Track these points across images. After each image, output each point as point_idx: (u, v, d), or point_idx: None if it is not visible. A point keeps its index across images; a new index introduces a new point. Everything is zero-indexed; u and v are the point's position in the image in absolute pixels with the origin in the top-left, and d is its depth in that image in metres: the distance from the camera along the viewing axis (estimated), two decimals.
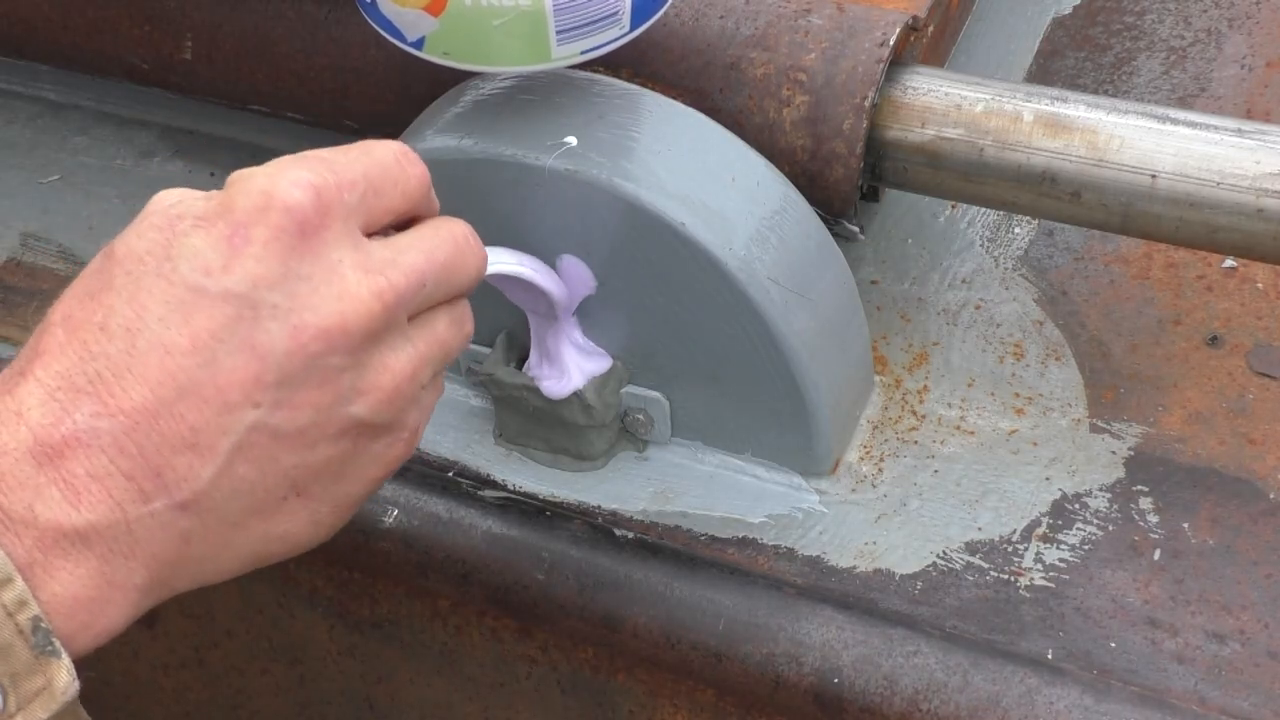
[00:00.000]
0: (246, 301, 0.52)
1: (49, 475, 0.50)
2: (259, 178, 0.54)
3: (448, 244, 0.58)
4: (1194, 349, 0.78)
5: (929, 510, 0.73)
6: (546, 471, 0.77)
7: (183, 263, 0.52)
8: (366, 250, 0.55)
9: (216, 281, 0.52)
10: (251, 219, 0.52)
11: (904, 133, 0.72)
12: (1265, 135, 0.68)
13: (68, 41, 0.89)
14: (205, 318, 0.51)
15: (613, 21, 0.66)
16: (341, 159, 0.55)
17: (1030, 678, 0.65)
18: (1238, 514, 0.71)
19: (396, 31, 0.67)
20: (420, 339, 0.57)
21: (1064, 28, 0.95)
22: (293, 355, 0.52)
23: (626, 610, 0.71)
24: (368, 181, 0.55)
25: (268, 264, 0.52)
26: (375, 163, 0.56)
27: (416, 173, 0.58)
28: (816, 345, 0.71)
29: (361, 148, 0.57)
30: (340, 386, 0.54)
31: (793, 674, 0.68)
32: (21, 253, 0.91)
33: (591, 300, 0.72)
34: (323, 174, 0.54)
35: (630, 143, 0.69)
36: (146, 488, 0.51)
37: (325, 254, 0.53)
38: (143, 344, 0.51)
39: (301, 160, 0.55)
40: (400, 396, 0.56)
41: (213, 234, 0.52)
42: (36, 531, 0.49)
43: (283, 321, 0.52)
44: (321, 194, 0.53)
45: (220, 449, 0.52)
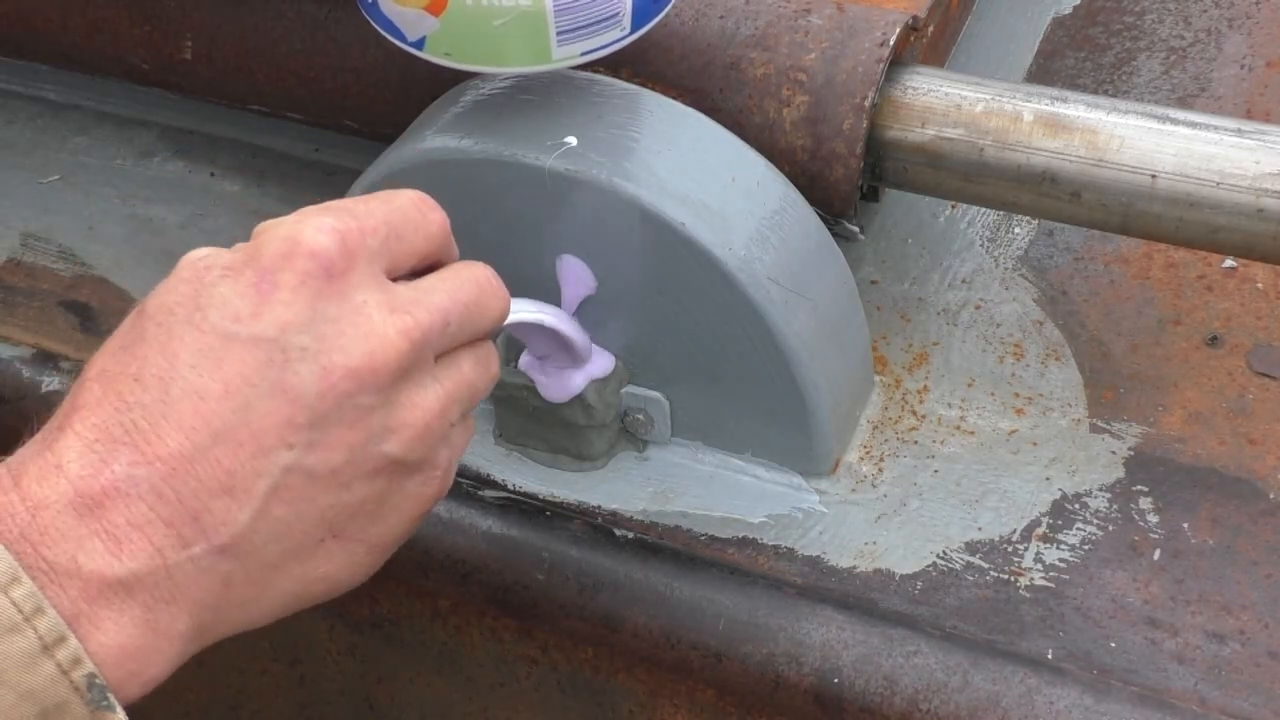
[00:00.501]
0: (276, 345, 0.53)
1: (90, 526, 0.51)
2: (284, 226, 0.55)
3: (471, 285, 0.59)
4: (1194, 349, 0.78)
5: (929, 510, 0.73)
6: (546, 471, 0.77)
7: (212, 311, 0.53)
8: (391, 291, 0.56)
9: (246, 327, 0.53)
10: (278, 265, 0.54)
11: (904, 133, 0.72)
12: (1265, 135, 0.68)
13: (68, 41, 0.89)
14: (237, 363, 0.53)
15: (614, 23, 0.66)
16: (363, 207, 0.57)
17: (1030, 678, 0.65)
18: (1238, 514, 0.71)
19: (398, 31, 0.67)
20: (447, 378, 0.58)
21: (1064, 28, 0.95)
22: (324, 396, 0.53)
23: (626, 610, 0.71)
24: (390, 227, 0.57)
25: (295, 308, 0.53)
26: (396, 209, 0.58)
27: (436, 218, 0.59)
28: (816, 345, 0.71)
29: (382, 196, 0.58)
30: (371, 425, 0.55)
31: (793, 674, 0.68)
32: (21, 253, 0.91)
33: (591, 300, 0.72)
34: (346, 220, 0.55)
35: (630, 143, 0.69)
36: (185, 533, 0.52)
37: (351, 296, 0.55)
38: (176, 392, 0.52)
39: (325, 209, 0.56)
40: (431, 433, 0.57)
41: (240, 282, 0.54)
42: (81, 582, 0.50)
43: (312, 363, 0.53)
44: (346, 238, 0.55)
45: (256, 492, 0.53)
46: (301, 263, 0.54)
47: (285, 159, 0.94)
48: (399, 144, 0.73)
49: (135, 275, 0.89)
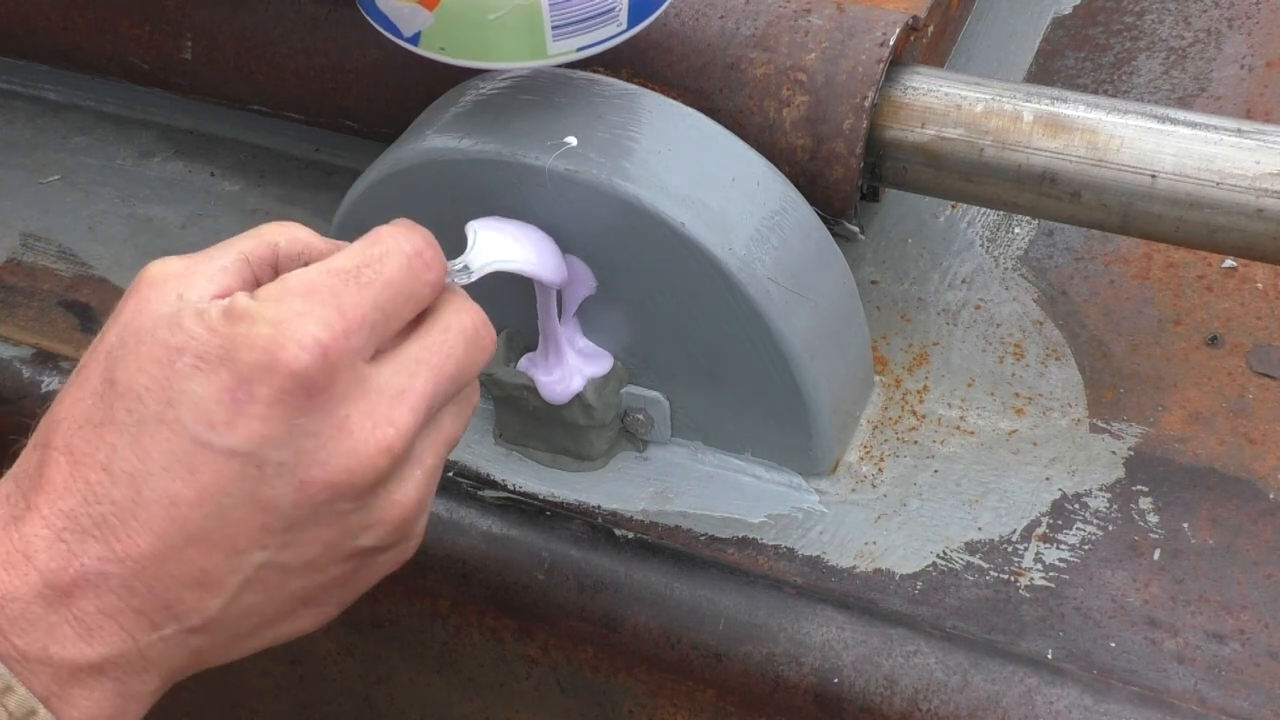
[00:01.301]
0: (252, 460, 0.52)
1: (61, 615, 0.51)
2: (263, 327, 0.52)
3: (458, 348, 0.57)
4: (1194, 349, 0.78)
5: (929, 510, 0.73)
6: (546, 471, 0.77)
7: (185, 411, 0.51)
8: (374, 392, 0.54)
9: (220, 438, 0.51)
10: (255, 376, 0.51)
11: (904, 133, 0.72)
12: (1265, 135, 0.68)
13: (68, 41, 0.89)
14: (210, 473, 0.51)
15: (609, 18, 0.66)
16: (352, 294, 0.54)
17: (1030, 678, 0.65)
18: (1238, 514, 0.71)
19: (393, 27, 0.67)
20: (428, 453, 0.56)
21: (1064, 28, 0.95)
22: (299, 506, 0.53)
23: (626, 610, 0.71)
24: (379, 311, 0.54)
25: (272, 424, 0.52)
26: (387, 284, 0.55)
27: (430, 279, 0.57)
28: (816, 345, 0.71)
29: (373, 261, 0.55)
30: (348, 524, 0.54)
31: (793, 674, 0.68)
32: (21, 253, 0.91)
33: (591, 300, 0.72)
34: (331, 325, 0.52)
35: (630, 143, 0.69)
36: (156, 619, 0.52)
37: (332, 410, 0.53)
38: (148, 493, 0.51)
39: (309, 301, 0.53)
40: (409, 521, 0.56)
41: (214, 383, 0.51)
42: (52, 669, 0.51)
43: (289, 478, 0.52)
44: (329, 353, 0.52)
45: (229, 585, 0.53)
46: (280, 380, 0.51)
47: (285, 159, 0.94)
48: (399, 144, 0.73)
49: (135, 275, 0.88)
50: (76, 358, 0.83)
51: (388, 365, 0.55)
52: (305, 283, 0.53)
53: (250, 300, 0.53)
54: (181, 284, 0.54)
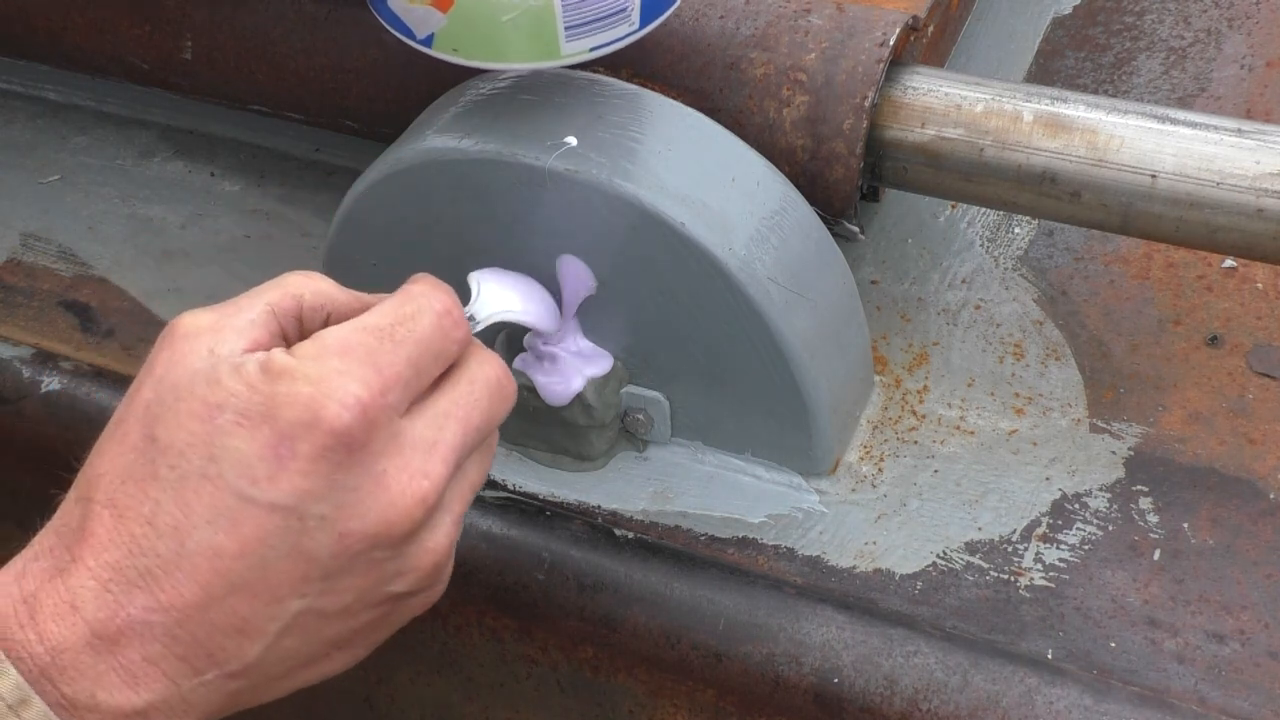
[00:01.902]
0: (294, 514, 0.53)
1: (108, 663, 0.52)
2: (304, 385, 0.54)
3: (484, 400, 0.59)
4: (1194, 349, 0.78)
5: (929, 510, 0.73)
6: (546, 471, 0.77)
7: (228, 468, 0.53)
8: (409, 446, 0.56)
9: (263, 492, 0.53)
10: (296, 433, 0.53)
11: (904, 133, 0.72)
12: (1265, 135, 0.68)
13: (68, 41, 0.89)
14: (253, 526, 0.53)
15: (622, 18, 0.66)
16: (388, 352, 0.56)
17: (1030, 678, 0.65)
18: (1238, 514, 0.71)
19: (406, 29, 0.67)
20: (456, 500, 0.59)
21: (1064, 28, 0.95)
22: (338, 556, 0.55)
23: (626, 610, 0.71)
24: (412, 369, 0.56)
25: (313, 479, 0.53)
26: (419, 342, 0.57)
27: (459, 336, 0.59)
28: (816, 345, 0.71)
29: (406, 320, 0.57)
30: (384, 572, 0.56)
31: (793, 674, 0.68)
32: (21, 253, 0.91)
33: (591, 300, 0.72)
34: (369, 383, 0.54)
35: (630, 143, 0.69)
36: (199, 665, 0.54)
37: (370, 465, 0.54)
38: (192, 546, 0.53)
39: (347, 360, 0.54)
40: (439, 568, 0.59)
41: (256, 440, 0.53)
42: (99, 715, 0.52)
43: (329, 531, 0.54)
44: (368, 411, 0.54)
45: (269, 632, 0.55)
46: (322, 438, 0.53)
47: (285, 159, 0.94)
48: (399, 144, 0.73)
49: (135, 275, 0.89)
50: (77, 358, 0.83)
51: (420, 419, 0.57)
52: (342, 341, 0.55)
53: (288, 358, 0.55)
54: (213, 339, 0.56)
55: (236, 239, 0.90)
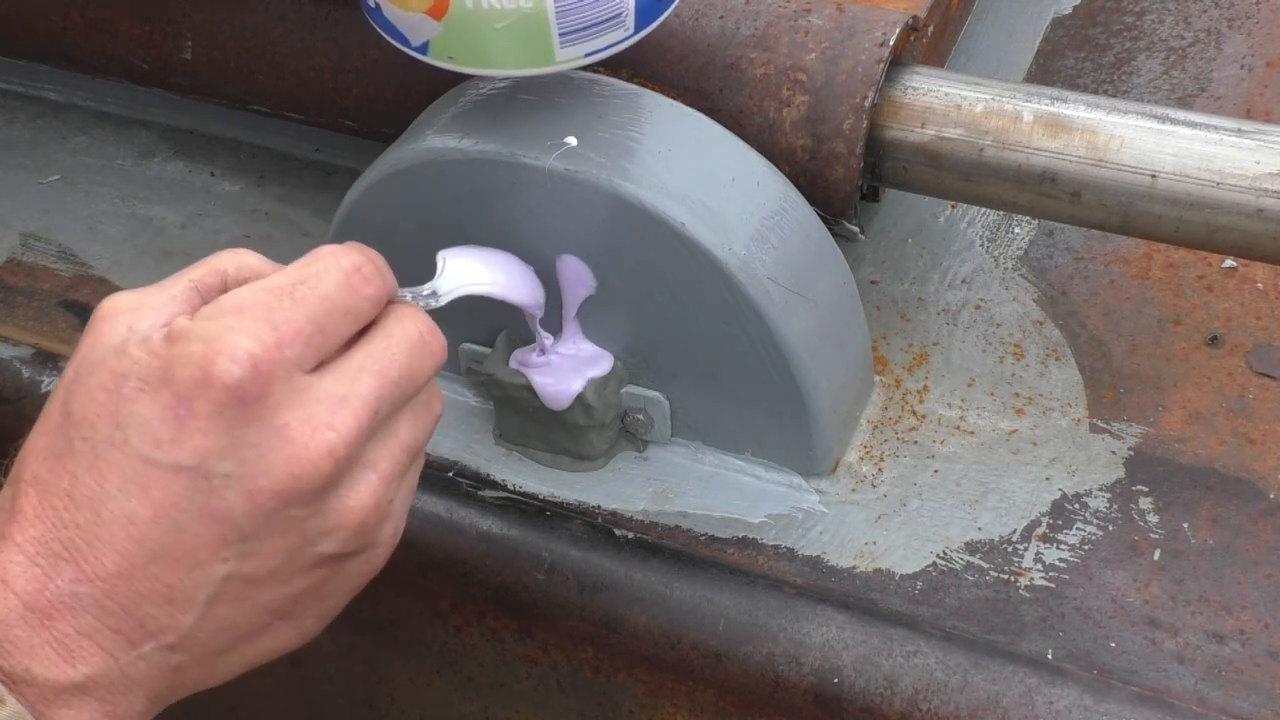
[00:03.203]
0: (199, 473, 0.53)
1: (42, 637, 0.53)
2: (196, 344, 0.54)
3: (402, 353, 0.58)
4: (1194, 349, 0.78)
5: (929, 510, 0.73)
6: (546, 471, 0.77)
7: (133, 433, 0.53)
8: (314, 400, 0.55)
9: (167, 454, 0.53)
10: (193, 392, 0.53)
11: (904, 133, 0.72)
12: (1265, 135, 0.68)
13: (68, 41, 0.89)
14: (161, 490, 0.53)
15: (617, 24, 0.66)
16: (286, 309, 0.55)
17: (1030, 678, 0.65)
18: (1238, 514, 0.71)
19: (401, 36, 0.67)
20: (382, 458, 0.57)
21: (1064, 28, 0.95)
22: (252, 515, 0.54)
23: (626, 610, 0.71)
24: (314, 325, 0.56)
25: (214, 436, 0.53)
26: (322, 298, 0.56)
27: (369, 293, 0.58)
28: (816, 345, 0.71)
29: (309, 278, 0.56)
30: (305, 531, 0.56)
31: (793, 674, 0.68)
32: (21, 253, 0.91)
33: (591, 300, 0.72)
34: (262, 338, 0.54)
35: (630, 143, 0.69)
36: (133, 637, 0.54)
37: (270, 419, 0.54)
38: (107, 515, 0.53)
39: (241, 317, 0.54)
40: (367, 526, 0.57)
41: (157, 403, 0.53)
42: (37, 689, 0.53)
43: (237, 488, 0.54)
44: (259, 364, 0.54)
45: (197, 599, 0.54)
46: (216, 394, 0.53)
47: (285, 159, 0.94)
48: (399, 144, 0.73)
49: (135, 275, 0.89)
50: None
51: (329, 375, 0.56)
52: (238, 301, 0.55)
53: (187, 321, 0.55)
54: (132, 316, 0.56)
55: (236, 239, 0.90)
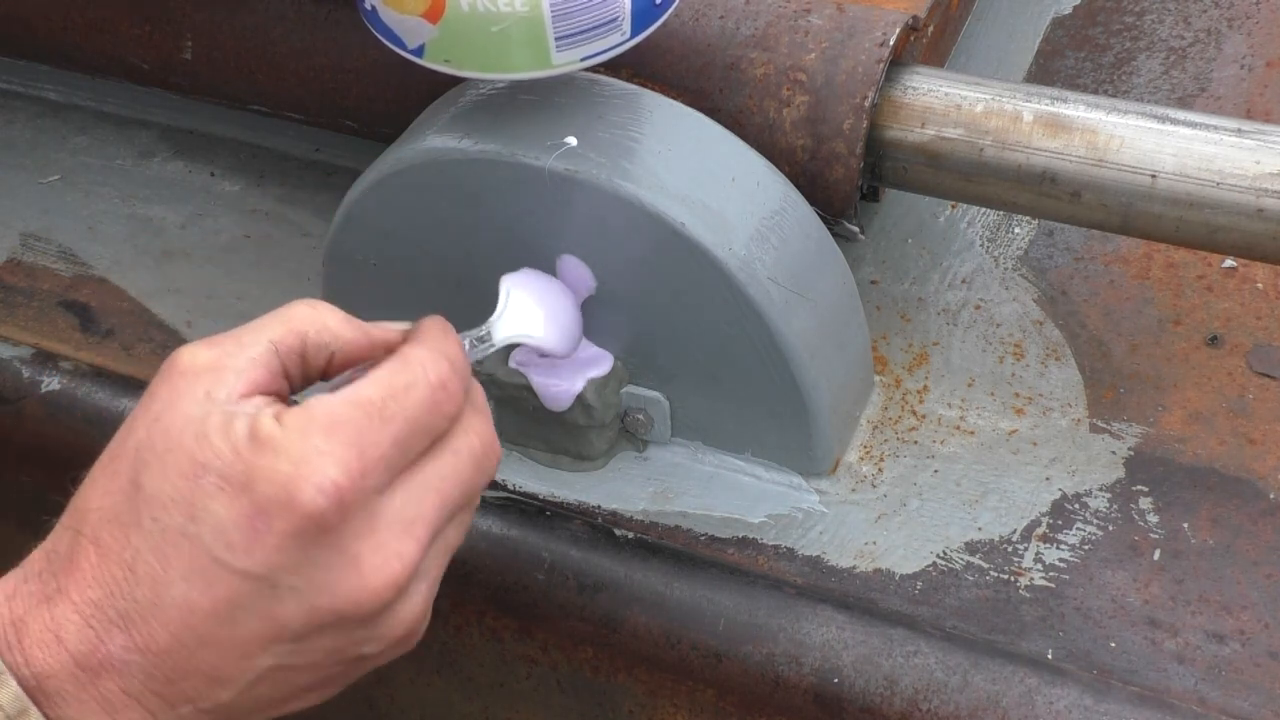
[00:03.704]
0: (266, 582, 0.54)
1: (89, 692, 0.54)
2: (284, 464, 0.54)
3: (466, 470, 0.58)
4: (1194, 349, 0.78)
5: (929, 510, 0.73)
6: (546, 471, 0.77)
7: (206, 529, 0.54)
8: (384, 526, 0.56)
9: (238, 559, 0.54)
10: (273, 509, 0.54)
11: (904, 133, 0.72)
12: (1265, 135, 0.68)
13: (68, 41, 0.89)
14: (225, 589, 0.54)
15: (613, 28, 0.66)
16: (374, 431, 0.55)
17: (1030, 678, 0.65)
18: (1238, 514, 0.71)
19: (397, 39, 0.67)
20: (434, 567, 0.59)
21: (1064, 28, 0.95)
22: (308, 625, 0.55)
23: (626, 610, 0.71)
24: (397, 448, 0.56)
25: (286, 554, 0.54)
26: (408, 420, 0.56)
27: (450, 411, 0.58)
28: (816, 345, 0.71)
29: (399, 393, 0.56)
30: (355, 638, 0.57)
31: (793, 674, 0.68)
32: (21, 253, 0.91)
33: (591, 300, 0.72)
34: (349, 468, 0.54)
35: (630, 143, 0.69)
36: (174, 701, 0.56)
37: (343, 546, 0.55)
38: (167, 598, 0.54)
39: (331, 439, 0.54)
40: (412, 634, 0.59)
41: (235, 508, 0.54)
42: None
43: (300, 602, 0.55)
44: (344, 496, 0.54)
45: (239, 682, 0.56)
46: (296, 519, 0.54)
47: (285, 159, 0.94)
48: (399, 144, 0.73)
49: (135, 275, 0.89)
50: (77, 358, 0.83)
51: (398, 494, 0.57)
52: (330, 417, 0.55)
53: (275, 427, 0.55)
54: (211, 380, 0.56)
55: (236, 239, 0.90)
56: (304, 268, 0.87)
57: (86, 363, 0.83)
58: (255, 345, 0.58)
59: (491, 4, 0.63)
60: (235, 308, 0.86)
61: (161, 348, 0.84)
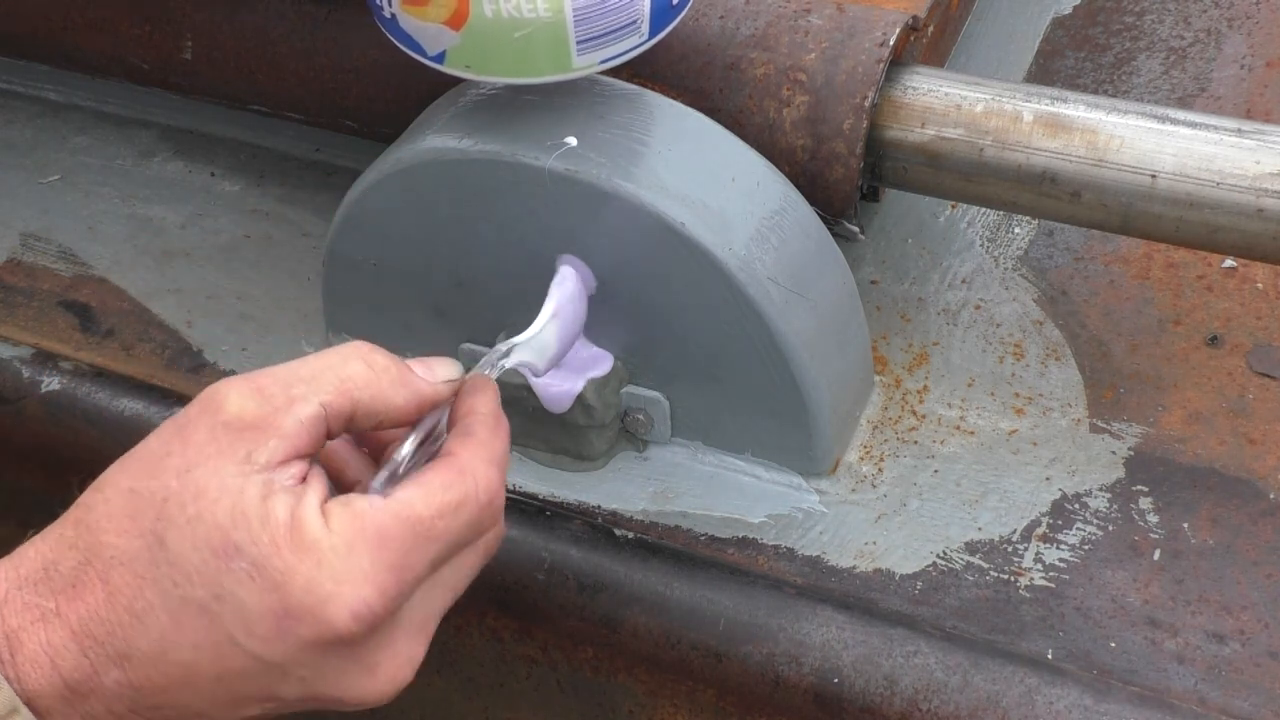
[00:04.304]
0: (279, 669, 0.55)
1: (75, 709, 0.55)
2: (326, 580, 0.54)
3: (478, 567, 0.60)
4: (1194, 349, 0.78)
5: (929, 510, 0.73)
6: (546, 471, 0.77)
7: (229, 612, 0.54)
8: (402, 633, 0.57)
9: (255, 647, 0.54)
10: (303, 616, 0.54)
11: (904, 133, 0.72)
12: (1265, 135, 0.68)
13: (68, 41, 0.89)
14: (235, 664, 0.54)
15: (632, 30, 0.66)
16: (418, 552, 0.56)
17: (1030, 678, 0.65)
18: (1238, 514, 0.71)
19: (417, 46, 0.67)
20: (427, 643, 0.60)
21: (1064, 28, 0.95)
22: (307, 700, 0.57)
23: (626, 610, 0.71)
24: (435, 565, 0.57)
25: (306, 654, 0.54)
26: (449, 542, 0.57)
27: (490, 524, 0.59)
28: (816, 345, 0.71)
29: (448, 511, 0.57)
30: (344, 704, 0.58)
31: (793, 674, 0.68)
32: (21, 253, 0.91)
33: (591, 300, 0.72)
34: (387, 591, 0.55)
35: (630, 143, 0.69)
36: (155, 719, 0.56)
37: (363, 657, 0.56)
38: (173, 656, 0.54)
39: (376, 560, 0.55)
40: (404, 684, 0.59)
41: (264, 602, 0.54)
42: None
43: (305, 687, 0.56)
44: (376, 618, 0.55)
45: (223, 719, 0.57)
46: (325, 633, 0.54)
47: (285, 159, 0.94)
48: (399, 144, 0.73)
49: (135, 275, 0.89)
50: (77, 358, 0.83)
51: (417, 597, 0.57)
52: (379, 533, 0.55)
53: (320, 528, 0.54)
54: (254, 440, 0.55)
55: (236, 239, 0.90)
56: (304, 268, 0.87)
57: (86, 363, 0.83)
58: (305, 405, 0.56)
59: (515, 10, 0.63)
60: (235, 308, 0.86)
61: (161, 348, 0.84)
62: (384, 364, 0.58)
